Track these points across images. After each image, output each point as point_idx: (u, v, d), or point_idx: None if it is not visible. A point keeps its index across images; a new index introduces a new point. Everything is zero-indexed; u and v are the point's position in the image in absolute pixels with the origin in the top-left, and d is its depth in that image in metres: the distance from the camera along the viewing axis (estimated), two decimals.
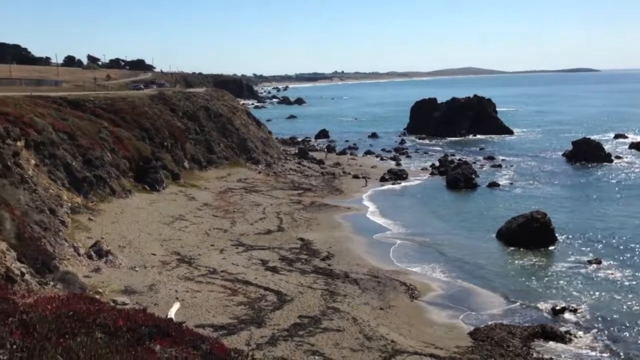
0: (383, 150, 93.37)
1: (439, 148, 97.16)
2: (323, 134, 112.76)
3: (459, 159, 79.69)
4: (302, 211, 48.58)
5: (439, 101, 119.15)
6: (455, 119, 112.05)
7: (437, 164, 76.76)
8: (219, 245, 37.26)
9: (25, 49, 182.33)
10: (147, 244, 36.01)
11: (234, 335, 23.22)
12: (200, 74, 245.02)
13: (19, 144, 39.68)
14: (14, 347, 4.09)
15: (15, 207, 31.14)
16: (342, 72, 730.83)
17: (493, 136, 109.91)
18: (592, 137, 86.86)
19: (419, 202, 55.96)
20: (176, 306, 25.56)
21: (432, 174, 71.45)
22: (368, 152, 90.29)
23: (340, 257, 35.97)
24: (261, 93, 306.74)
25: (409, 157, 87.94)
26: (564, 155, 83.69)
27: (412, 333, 25.40)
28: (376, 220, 47.16)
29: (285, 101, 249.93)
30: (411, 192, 60.70)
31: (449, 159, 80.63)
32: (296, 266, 33.84)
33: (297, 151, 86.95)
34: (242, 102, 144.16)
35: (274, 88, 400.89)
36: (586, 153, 78.58)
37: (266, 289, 29.41)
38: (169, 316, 20.66)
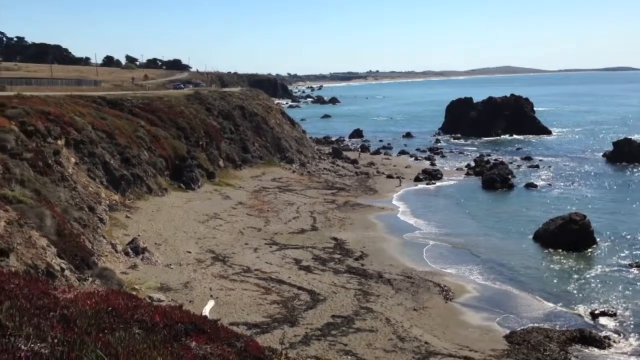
0: (417, 150, 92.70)
1: (474, 148, 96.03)
2: (357, 133, 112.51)
3: (495, 159, 78.62)
4: (335, 211, 48.57)
5: (474, 100, 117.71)
6: (491, 119, 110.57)
7: (472, 164, 75.86)
8: (253, 243, 37.51)
9: (66, 50, 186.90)
10: (182, 241, 36.48)
11: (267, 334, 23.34)
12: (235, 73, 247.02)
13: (59, 142, 40.65)
14: (55, 340, 4.18)
15: (55, 204, 31.90)
16: (377, 71, 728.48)
17: (530, 136, 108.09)
18: (634, 138, 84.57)
19: (454, 202, 55.35)
20: (210, 304, 25.81)
21: (467, 174, 70.63)
22: (402, 152, 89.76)
23: (373, 257, 35.83)
24: (295, 92, 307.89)
25: (443, 157, 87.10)
26: (604, 156, 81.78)
27: (446, 335, 25.14)
28: (410, 220, 46.83)
29: (319, 100, 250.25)
30: (446, 193, 60.10)
31: (485, 159, 79.61)
32: (329, 266, 33.83)
33: (331, 151, 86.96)
34: (277, 101, 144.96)
35: (308, 87, 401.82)
36: (627, 154, 76.54)
37: (299, 288, 29.49)
38: (203, 313, 20.87)
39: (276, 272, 31.93)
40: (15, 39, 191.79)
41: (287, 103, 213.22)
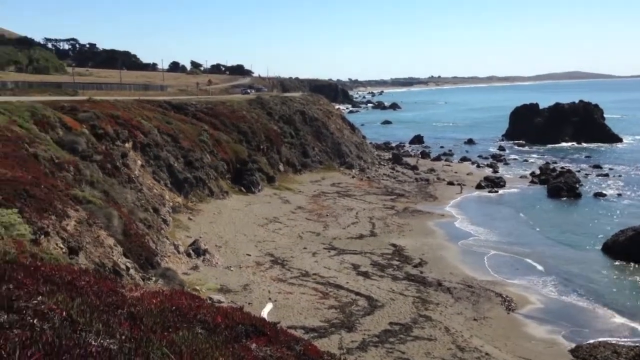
0: (480, 156, 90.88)
1: (539, 155, 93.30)
2: (417, 139, 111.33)
3: (562, 167, 76.12)
4: (394, 217, 48.19)
5: (540, 107, 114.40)
6: (558, 126, 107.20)
7: (537, 171, 73.68)
8: (312, 248, 37.66)
9: (134, 56, 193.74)
10: (242, 244, 37.03)
11: (324, 339, 23.35)
12: (296, 78, 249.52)
13: (127, 145, 42.09)
14: (123, 337, 4.29)
15: (122, 205, 33.03)
16: (439, 76, 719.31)
17: (600, 144, 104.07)
18: None
19: (517, 211, 53.85)
20: (269, 306, 26.03)
21: (532, 182, 68.66)
22: (464, 159, 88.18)
23: (433, 265, 35.31)
24: (356, 98, 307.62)
25: (507, 164, 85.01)
26: None
27: (507, 347, 24.45)
28: (470, 228, 45.89)
29: (379, 106, 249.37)
30: (509, 201, 58.59)
31: (551, 166, 77.20)
32: (388, 272, 33.56)
33: (390, 156, 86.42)
34: (337, 106, 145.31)
35: (368, 93, 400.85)
36: None
37: (357, 293, 29.38)
38: (261, 316, 21.09)
39: (334, 276, 31.94)
40: (87, 46, 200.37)
41: (347, 108, 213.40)
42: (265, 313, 24.12)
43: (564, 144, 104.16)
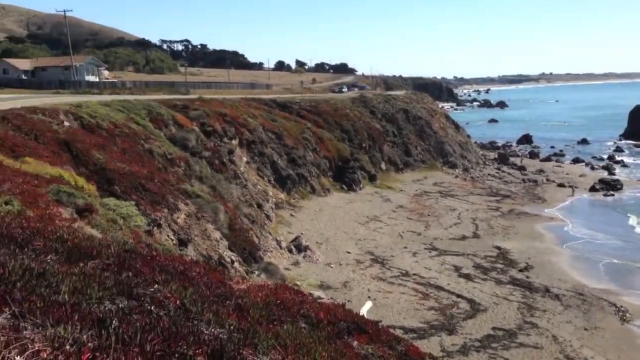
0: (594, 157, 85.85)
1: None
2: (526, 139, 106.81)
3: None
4: (499, 218, 46.64)
5: None
6: None
7: None
8: (412, 248, 37.26)
9: (242, 55, 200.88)
10: (342, 242, 37.29)
11: (423, 340, 23.02)
12: (400, 76, 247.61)
13: (233, 142, 43.65)
14: (231, 327, 4.45)
15: (228, 200, 34.31)
16: (550, 73, 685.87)
17: None
18: None
19: (637, 216, 50.31)
20: (368, 305, 26.04)
21: None
22: (576, 160, 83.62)
23: (540, 270, 33.80)
24: (461, 96, 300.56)
25: (625, 166, 79.68)
26: None
27: (621, 359, 22.97)
28: (583, 232, 43.44)
29: (486, 104, 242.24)
30: (626, 205, 54.83)
31: None
32: (491, 275, 32.54)
33: (496, 156, 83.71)
34: (441, 105, 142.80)
35: (474, 91, 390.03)
36: None
37: (459, 296, 28.72)
38: (360, 314, 21.13)
39: (435, 277, 31.41)
40: (199, 47, 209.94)
41: (452, 107, 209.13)
42: (364, 311, 24.17)
43: None
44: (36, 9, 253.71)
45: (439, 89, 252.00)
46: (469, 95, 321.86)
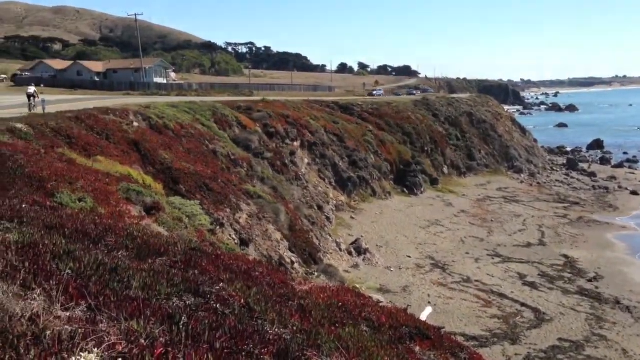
0: None
1: None
2: (597, 144, 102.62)
3: None
4: (567, 226, 45.08)
5: None
6: None
7: None
8: (474, 254, 36.51)
9: (305, 58, 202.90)
10: (403, 245, 36.95)
11: (485, 348, 22.49)
12: (464, 79, 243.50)
13: (295, 144, 44.03)
14: (294, 328, 4.49)
15: (289, 201, 34.63)
16: (624, 76, 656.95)
17: None
18: None
19: None
20: (428, 310, 25.69)
21: None
22: None
23: (610, 280, 32.44)
24: (528, 99, 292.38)
25: None
26: None
27: None
28: None
29: (554, 108, 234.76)
30: None
31: None
32: (558, 284, 31.48)
33: (565, 162, 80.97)
34: (507, 108, 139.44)
35: (542, 94, 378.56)
36: None
37: (523, 304, 27.92)
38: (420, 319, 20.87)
39: (498, 285, 30.67)
40: (263, 49, 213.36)
41: (518, 110, 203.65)
42: (424, 317, 23.87)
43: None
44: (109, 12, 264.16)
45: (505, 92, 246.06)
46: (537, 99, 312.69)
